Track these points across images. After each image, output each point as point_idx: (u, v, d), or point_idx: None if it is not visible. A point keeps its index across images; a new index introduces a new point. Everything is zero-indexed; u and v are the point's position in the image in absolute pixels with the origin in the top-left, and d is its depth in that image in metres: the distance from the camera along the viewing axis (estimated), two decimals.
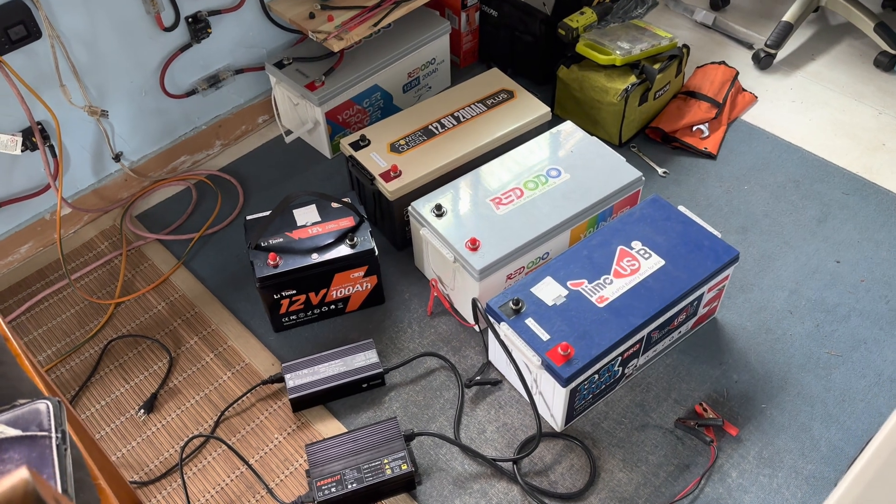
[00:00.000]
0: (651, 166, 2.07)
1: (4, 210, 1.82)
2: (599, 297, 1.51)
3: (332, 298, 1.72)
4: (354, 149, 1.84)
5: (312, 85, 1.99)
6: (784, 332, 1.70)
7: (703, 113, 2.13)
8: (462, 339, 1.72)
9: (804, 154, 2.07)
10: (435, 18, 2.18)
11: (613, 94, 2.01)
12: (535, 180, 1.74)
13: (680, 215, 1.65)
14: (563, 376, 1.40)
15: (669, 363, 1.65)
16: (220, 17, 1.96)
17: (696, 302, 1.59)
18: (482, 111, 1.93)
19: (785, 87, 2.27)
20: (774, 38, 2.29)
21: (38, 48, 1.66)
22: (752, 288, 1.78)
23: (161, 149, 2.06)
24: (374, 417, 1.59)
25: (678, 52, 2.10)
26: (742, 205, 1.96)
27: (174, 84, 1.98)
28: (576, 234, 1.73)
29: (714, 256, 1.57)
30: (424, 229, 1.69)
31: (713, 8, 2.53)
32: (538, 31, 2.19)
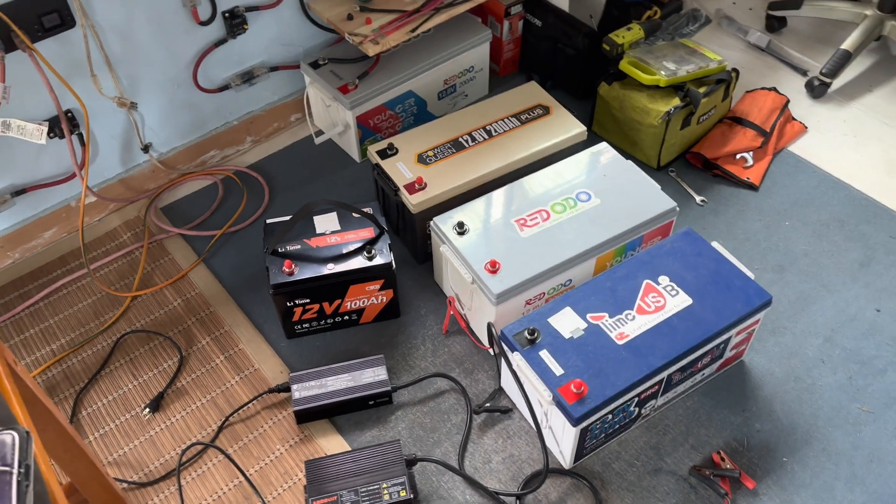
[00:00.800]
0: (689, 193, 1.99)
1: (31, 195, 1.82)
2: (619, 334, 1.45)
3: (346, 309, 1.68)
4: (381, 157, 1.80)
5: (346, 88, 1.96)
6: (814, 381, 1.62)
7: (749, 141, 2.04)
8: (475, 362, 1.67)
9: (852, 192, 1.97)
10: (476, 25, 2.12)
11: (655, 115, 1.94)
12: (563, 203, 1.68)
13: (713, 252, 1.58)
14: (574, 416, 1.34)
15: (690, 405, 1.58)
16: (258, 14, 1.93)
17: (722, 345, 1.52)
18: (515, 126, 1.87)
19: (838, 118, 2.17)
20: (831, 67, 2.18)
21: (71, 36, 1.65)
22: (784, 331, 1.70)
23: (191, 142, 2.04)
24: (379, 436, 1.55)
25: (726, 76, 2.01)
26: (781, 241, 1.87)
27: (207, 78, 1.96)
28: (602, 262, 1.66)
29: (745, 299, 1.50)
30: (445, 246, 1.64)
31: (769, 30, 2.43)
32: (582, 44, 2.12)
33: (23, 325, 1.76)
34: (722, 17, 2.46)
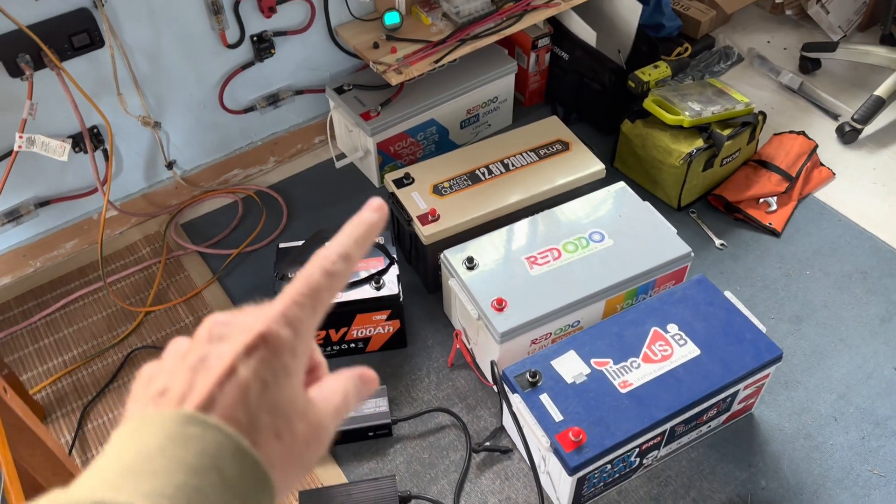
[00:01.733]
0: (709, 236, 1.96)
1: (55, 206, 1.86)
2: (623, 382, 1.42)
3: (352, 337, 1.69)
4: (397, 186, 1.81)
5: (368, 114, 1.97)
6: (825, 439, 1.57)
7: (773, 185, 2.01)
8: (479, 398, 1.66)
9: (878, 243, 1.92)
10: (502, 57, 2.12)
11: (677, 156, 1.91)
12: (575, 242, 1.67)
13: (725, 302, 1.55)
14: (571, 465, 1.32)
15: (694, 457, 1.55)
16: (286, 39, 1.96)
17: (729, 398, 1.48)
18: (533, 161, 1.86)
19: (867, 166, 2.12)
20: (863, 113, 2.14)
21: (99, 56, 1.69)
22: (797, 385, 1.66)
23: (214, 160, 2.07)
24: (376, 469, 1.54)
25: (753, 118, 1.98)
26: (801, 291, 1.83)
27: (233, 99, 1.99)
28: (612, 304, 1.64)
29: (755, 353, 1.46)
30: (453, 280, 1.64)
31: (802, 71, 2.39)
32: (607, 80, 2.11)
33: (38, 335, 1.80)
34: (755, 56, 2.43)
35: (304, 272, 0.40)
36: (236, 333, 0.38)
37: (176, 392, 0.36)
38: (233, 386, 0.36)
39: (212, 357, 0.37)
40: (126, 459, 0.33)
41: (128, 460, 0.33)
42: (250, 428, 0.35)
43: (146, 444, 0.33)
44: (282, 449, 0.36)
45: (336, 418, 0.40)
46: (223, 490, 0.33)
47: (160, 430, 0.34)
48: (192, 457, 0.33)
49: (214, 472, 0.33)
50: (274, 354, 0.37)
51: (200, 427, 0.34)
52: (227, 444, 0.34)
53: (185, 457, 0.33)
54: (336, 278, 0.40)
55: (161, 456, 0.33)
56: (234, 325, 0.38)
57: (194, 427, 0.34)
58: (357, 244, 0.41)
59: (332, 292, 0.40)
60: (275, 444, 0.36)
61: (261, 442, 0.35)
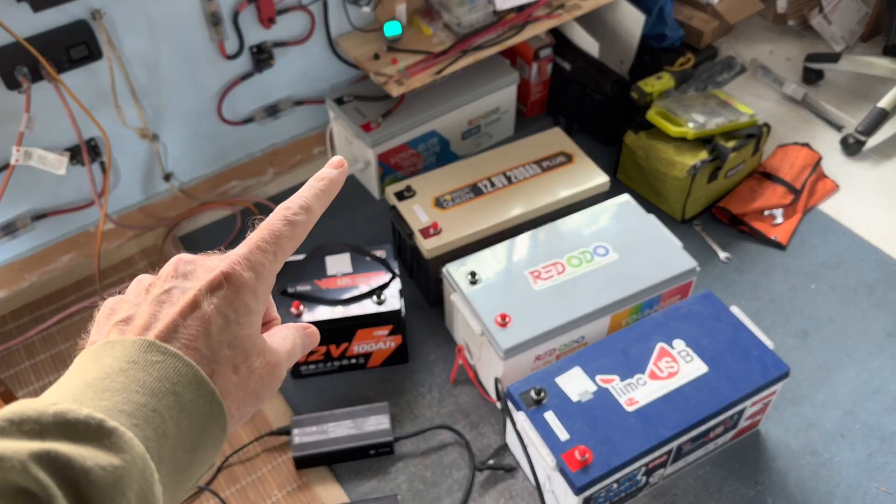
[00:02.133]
0: (713, 249, 1.94)
1: (51, 219, 1.84)
2: (629, 400, 1.40)
3: (353, 353, 1.66)
4: (398, 199, 1.79)
5: (368, 126, 1.95)
6: (831, 456, 1.55)
7: (778, 198, 1.99)
8: (481, 414, 1.63)
9: (883, 257, 1.90)
10: (504, 67, 2.11)
11: (681, 168, 1.90)
12: (579, 256, 1.65)
13: (731, 317, 1.53)
14: (577, 484, 1.30)
15: (700, 475, 1.53)
16: (285, 49, 1.94)
17: (736, 416, 1.46)
18: (536, 173, 1.84)
19: (871, 178, 2.10)
20: (867, 124, 2.12)
21: (97, 68, 1.67)
22: (803, 401, 1.64)
23: (213, 172, 2.05)
24: (378, 488, 1.52)
25: (757, 130, 1.96)
26: (806, 305, 1.81)
27: (232, 111, 1.97)
28: (617, 319, 1.62)
29: (762, 370, 1.44)
30: (456, 295, 1.62)
31: (805, 82, 2.37)
32: (610, 91, 2.09)
33: (34, 350, 1.77)
34: (758, 67, 2.42)
35: (266, 221, 0.42)
36: (200, 272, 0.40)
37: (140, 321, 0.38)
38: (195, 319, 0.38)
39: (176, 291, 0.39)
40: (88, 378, 0.35)
41: (90, 378, 0.35)
42: (210, 360, 0.38)
43: (109, 366, 0.35)
44: (238, 381, 0.39)
45: (288, 361, 0.43)
46: (179, 413, 0.35)
47: (123, 354, 0.36)
48: (151, 380, 0.35)
49: (172, 396, 0.35)
50: (236, 293, 0.39)
51: (161, 354, 0.36)
52: (186, 373, 0.36)
53: (146, 379, 0.35)
54: (297, 227, 0.43)
55: (122, 376, 0.35)
56: (199, 264, 0.41)
57: (155, 354, 0.36)
58: (317, 197, 0.44)
59: (294, 241, 0.43)
60: (231, 376, 0.38)
61: (218, 373, 0.38)
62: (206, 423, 0.37)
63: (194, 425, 0.36)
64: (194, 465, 0.37)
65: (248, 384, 0.39)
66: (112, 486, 0.31)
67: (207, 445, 0.37)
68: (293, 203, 0.43)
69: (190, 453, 0.36)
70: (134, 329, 0.38)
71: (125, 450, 0.32)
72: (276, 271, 0.42)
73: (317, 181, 0.45)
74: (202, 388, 0.36)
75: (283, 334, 0.44)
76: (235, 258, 0.40)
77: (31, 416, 0.31)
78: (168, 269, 0.41)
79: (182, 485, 0.36)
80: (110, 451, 0.32)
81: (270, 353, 0.41)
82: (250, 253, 0.41)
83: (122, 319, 0.39)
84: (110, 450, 0.32)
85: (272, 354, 0.41)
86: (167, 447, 0.34)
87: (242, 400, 0.39)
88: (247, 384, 0.39)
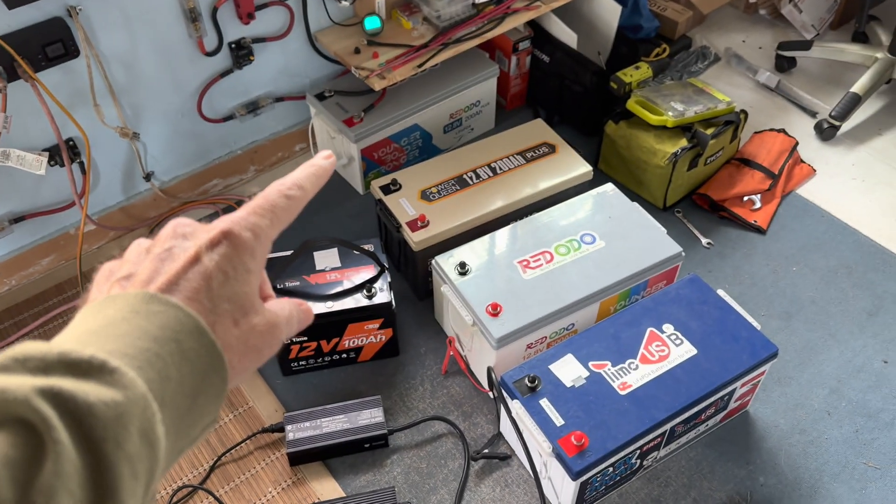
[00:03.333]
0: (695, 235, 1.96)
1: (30, 222, 1.80)
2: (622, 384, 1.42)
3: (343, 348, 1.66)
4: (384, 192, 1.79)
5: (351, 121, 1.94)
6: (819, 434, 1.58)
7: (757, 183, 2.02)
8: (474, 405, 1.64)
9: (860, 238, 1.94)
10: (484, 60, 2.11)
11: (662, 156, 1.92)
12: (567, 245, 1.66)
13: (719, 300, 1.55)
14: (574, 469, 1.31)
15: (693, 457, 1.54)
16: (265, 45, 1.92)
17: (727, 397, 1.48)
18: (521, 164, 1.85)
19: (846, 162, 2.15)
20: (840, 110, 2.16)
21: (74, 66, 1.64)
22: (790, 381, 1.67)
23: (193, 171, 2.03)
24: (374, 481, 1.52)
25: (735, 117, 1.99)
26: (788, 287, 1.84)
27: (212, 108, 1.95)
28: (606, 306, 1.63)
29: (751, 351, 1.47)
30: (446, 286, 1.62)
31: (778, 69, 2.41)
32: (589, 82, 2.11)
33: None
34: (731, 56, 2.45)
35: (262, 192, 0.44)
36: (200, 232, 0.41)
37: (142, 276, 0.39)
38: (196, 273, 0.39)
39: (177, 249, 0.40)
40: (91, 326, 0.36)
41: (93, 326, 0.36)
42: (210, 312, 0.39)
43: (111, 316, 0.36)
44: (239, 335, 0.40)
45: (287, 327, 0.45)
46: (180, 359, 0.36)
47: (125, 306, 0.37)
48: (154, 328, 0.36)
49: (174, 343, 0.36)
50: (235, 251, 0.41)
51: (163, 305, 0.37)
52: (187, 322, 0.37)
53: (148, 327, 0.36)
54: (292, 201, 0.45)
55: (125, 324, 0.36)
56: (197, 226, 0.42)
57: (157, 305, 0.37)
58: (308, 179, 0.46)
59: (289, 212, 0.45)
60: (232, 328, 0.40)
61: (219, 325, 0.39)
62: (206, 372, 0.37)
63: (196, 372, 0.37)
64: (196, 412, 0.37)
65: (249, 339, 0.40)
66: (114, 420, 0.31)
67: (209, 394, 0.38)
68: (287, 179, 0.45)
69: (191, 399, 0.37)
70: (136, 284, 0.39)
71: (128, 387, 0.33)
72: (272, 237, 0.44)
73: (308, 166, 0.47)
74: (203, 338, 0.37)
75: (279, 304, 0.45)
76: (234, 218, 0.42)
77: (36, 355, 0.32)
78: (167, 231, 0.42)
79: (184, 431, 0.37)
80: (113, 388, 0.32)
81: (270, 313, 0.43)
82: (248, 215, 0.43)
83: (123, 276, 0.39)
84: (113, 387, 0.32)
85: (272, 314, 0.43)
86: (169, 390, 0.35)
87: (243, 354, 0.40)
88: (248, 339, 0.40)
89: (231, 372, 0.39)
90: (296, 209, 0.45)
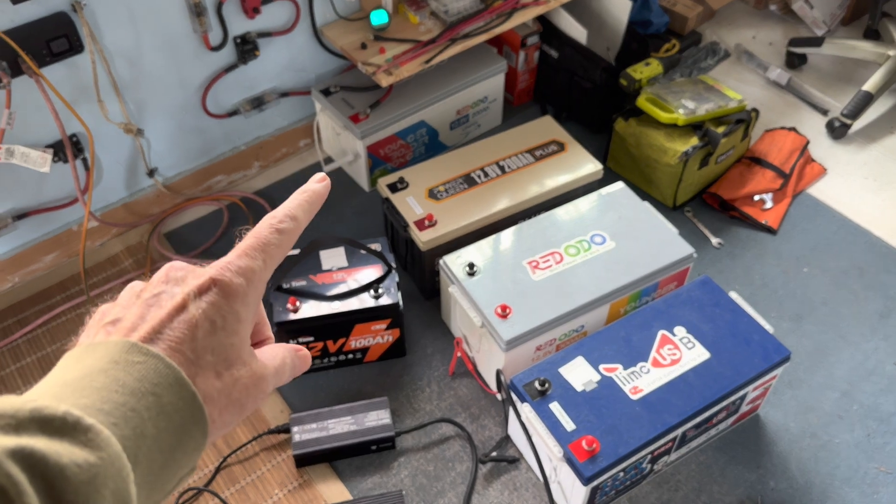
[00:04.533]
0: (705, 235, 1.94)
1: (33, 219, 1.78)
2: (633, 388, 1.40)
3: (350, 348, 1.64)
4: (391, 191, 1.76)
5: (357, 117, 1.92)
6: (830, 438, 1.56)
7: (768, 182, 2.00)
8: (482, 407, 1.62)
9: (872, 239, 1.92)
10: (491, 56, 2.08)
11: (672, 155, 1.89)
12: (577, 245, 1.64)
13: (731, 303, 1.53)
14: (585, 474, 1.29)
15: (703, 461, 1.53)
16: (270, 40, 1.89)
17: (738, 401, 1.47)
18: (529, 162, 1.83)
19: (858, 161, 2.12)
20: (851, 108, 2.14)
21: (79, 62, 1.61)
22: (800, 384, 1.65)
23: (197, 167, 2.00)
24: (381, 483, 1.50)
25: (746, 115, 1.97)
26: (799, 289, 1.82)
27: (216, 104, 1.92)
28: (616, 308, 1.62)
29: (763, 354, 1.45)
30: (454, 287, 1.60)
31: (789, 66, 2.38)
32: (598, 78, 2.08)
33: (20, 353, 1.72)
34: (742, 52, 2.42)
35: (253, 230, 0.43)
36: (191, 278, 0.40)
37: (126, 323, 0.38)
38: (181, 321, 0.38)
39: (165, 295, 0.39)
40: (69, 377, 0.35)
41: (70, 378, 0.35)
42: (193, 363, 0.37)
43: (90, 366, 0.35)
44: (221, 387, 0.38)
45: (275, 377, 0.43)
46: (158, 414, 0.35)
47: (105, 355, 0.36)
48: (132, 380, 0.35)
49: (152, 396, 0.35)
50: (225, 298, 0.39)
51: (143, 355, 0.36)
52: (168, 374, 0.36)
53: (126, 379, 0.35)
54: (284, 235, 0.44)
55: (103, 376, 0.35)
56: (190, 271, 0.41)
57: (137, 355, 0.36)
58: (301, 208, 0.45)
59: (282, 248, 0.43)
60: (214, 381, 0.38)
61: (201, 377, 0.38)
62: (185, 426, 0.36)
63: (173, 427, 0.36)
64: (172, 467, 0.36)
65: (232, 392, 0.39)
66: (87, 483, 0.31)
67: (187, 448, 0.37)
68: (278, 212, 0.44)
69: (168, 454, 0.36)
70: (120, 331, 0.38)
71: (102, 447, 0.32)
72: (265, 279, 0.43)
73: (300, 193, 0.46)
74: (183, 391, 0.36)
75: (273, 352, 0.44)
76: (225, 264, 0.41)
77: (8, 412, 0.31)
78: (160, 276, 0.41)
79: (158, 487, 0.36)
80: (87, 448, 0.31)
81: (256, 364, 0.41)
82: (239, 258, 0.41)
83: (109, 322, 0.39)
84: (87, 447, 0.31)
85: (258, 366, 0.41)
86: (144, 447, 0.34)
87: (225, 407, 0.39)
88: (230, 392, 0.39)
89: (211, 426, 0.38)
90: (289, 243, 0.44)
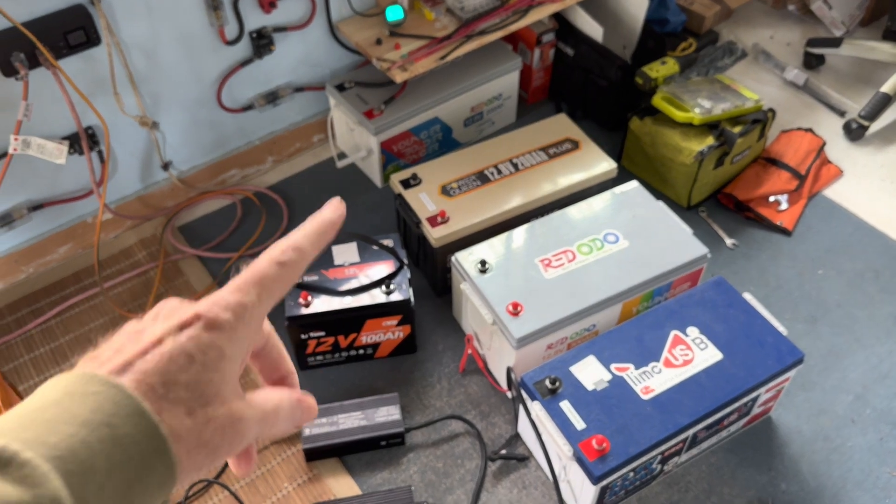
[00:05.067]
0: (720, 235, 1.93)
1: (48, 210, 1.80)
2: (645, 388, 1.39)
3: (361, 343, 1.64)
4: (404, 187, 1.76)
5: (371, 113, 1.92)
6: (843, 441, 1.55)
7: (783, 183, 1.98)
8: (492, 404, 1.62)
9: (888, 241, 1.90)
10: (506, 53, 2.08)
11: (688, 154, 1.88)
12: (589, 244, 1.63)
13: (744, 304, 1.52)
14: (595, 474, 1.29)
15: (714, 462, 1.52)
16: (285, 35, 1.90)
17: (751, 402, 1.46)
18: (543, 160, 1.82)
19: (875, 163, 2.10)
20: (869, 109, 2.12)
21: (95, 54, 1.62)
22: (813, 387, 1.64)
23: (212, 160, 2.01)
24: (390, 479, 1.50)
25: (763, 115, 1.95)
26: (814, 291, 1.81)
27: (231, 98, 1.93)
28: (628, 307, 1.61)
29: (777, 356, 1.44)
30: (465, 284, 1.59)
31: (806, 67, 2.36)
32: (614, 76, 2.07)
33: (33, 344, 1.73)
34: (759, 52, 2.40)
35: (253, 263, 0.41)
36: (178, 314, 0.39)
37: (103, 357, 0.37)
38: (155, 354, 0.36)
39: (147, 331, 0.38)
40: (22, 411, 0.34)
41: (23, 411, 0.34)
42: (162, 397, 0.36)
43: (46, 398, 0.34)
44: (191, 426, 0.36)
45: (260, 423, 0.40)
46: (112, 447, 0.33)
47: (63, 387, 0.35)
48: (85, 411, 0.33)
49: (106, 427, 0.33)
50: (208, 333, 0.38)
51: (102, 386, 0.35)
52: (126, 404, 0.34)
53: (78, 410, 0.33)
54: (287, 268, 0.41)
55: (55, 407, 0.34)
56: (180, 307, 0.40)
57: (96, 385, 0.35)
58: (309, 239, 0.43)
59: (283, 282, 0.41)
60: (185, 418, 0.36)
61: (168, 412, 0.35)
62: (145, 459, 0.34)
63: (130, 460, 0.33)
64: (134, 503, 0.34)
65: (203, 433, 0.37)
66: None
67: (149, 483, 0.34)
68: (283, 243, 0.42)
69: (124, 490, 0.33)
70: (90, 364, 0.37)
71: (37, 484, 0.30)
72: (261, 314, 0.41)
73: (311, 223, 0.44)
74: (143, 421, 0.34)
75: (269, 395, 0.42)
76: (215, 298, 0.39)
77: None
78: (151, 313, 0.40)
79: None
80: (21, 486, 0.30)
81: (239, 405, 0.39)
82: (230, 294, 0.40)
83: (92, 356, 0.38)
84: (21, 483, 0.30)
85: (239, 407, 0.39)
86: (94, 483, 0.32)
87: (194, 448, 0.36)
88: (201, 432, 0.37)
89: (177, 466, 0.36)
90: (292, 276, 0.42)
